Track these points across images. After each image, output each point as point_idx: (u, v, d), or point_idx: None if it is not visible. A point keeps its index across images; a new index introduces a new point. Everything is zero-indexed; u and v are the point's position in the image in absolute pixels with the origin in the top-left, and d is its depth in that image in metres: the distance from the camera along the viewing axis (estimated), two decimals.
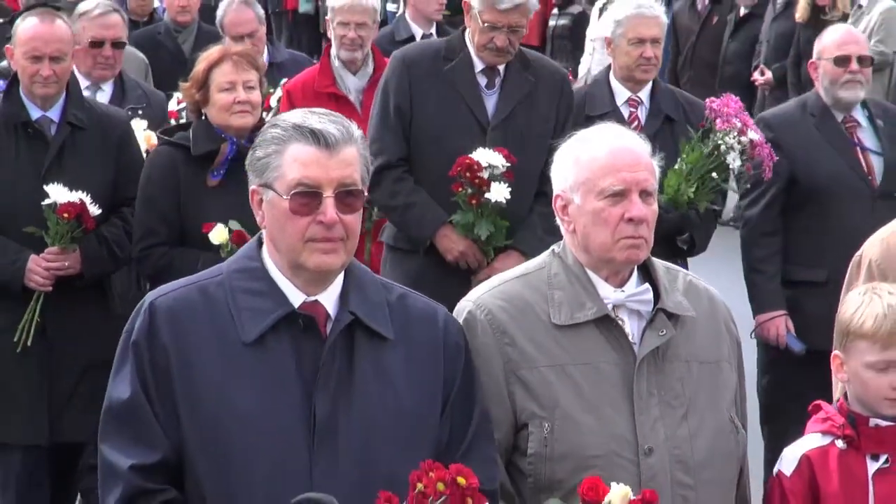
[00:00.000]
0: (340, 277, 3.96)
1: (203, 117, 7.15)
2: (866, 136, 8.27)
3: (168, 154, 7.30)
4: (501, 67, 7.76)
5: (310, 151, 3.87)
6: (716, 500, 4.32)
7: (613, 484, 3.85)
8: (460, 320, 4.31)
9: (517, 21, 7.79)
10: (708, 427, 4.33)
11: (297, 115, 3.99)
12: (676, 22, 17.75)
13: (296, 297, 3.93)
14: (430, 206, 7.53)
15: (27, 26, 7.53)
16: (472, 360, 4.12)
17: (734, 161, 7.69)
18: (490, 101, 7.87)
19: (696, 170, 7.61)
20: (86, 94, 8.30)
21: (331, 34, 9.73)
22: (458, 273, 7.58)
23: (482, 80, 7.84)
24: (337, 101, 8.91)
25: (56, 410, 7.12)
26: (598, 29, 15.63)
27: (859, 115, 8.25)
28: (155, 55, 11.78)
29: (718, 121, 7.71)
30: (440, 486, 3.58)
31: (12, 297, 7.34)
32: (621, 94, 7.85)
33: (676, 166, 7.38)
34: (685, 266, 7.43)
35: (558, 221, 4.46)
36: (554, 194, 4.41)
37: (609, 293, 4.29)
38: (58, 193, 7.12)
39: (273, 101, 9.19)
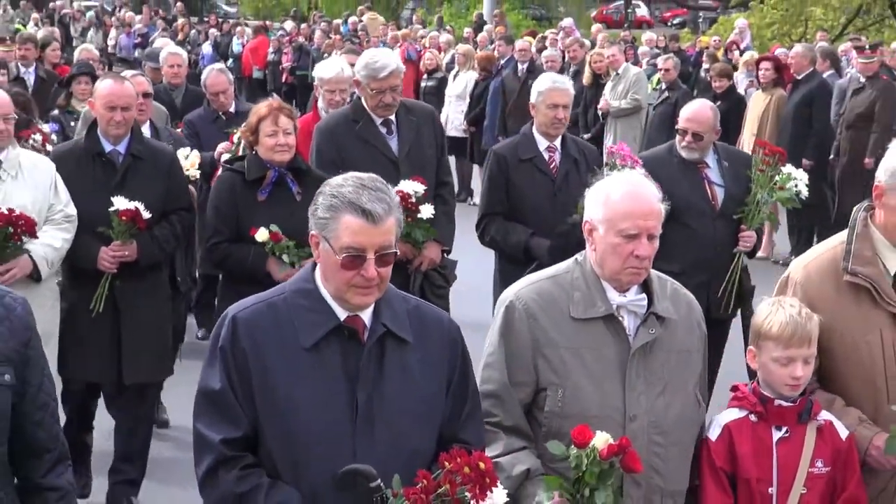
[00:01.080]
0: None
1: (254, 152, 8.47)
2: (713, 174, 9.81)
3: (230, 177, 8.68)
4: (392, 117, 9.30)
5: (360, 224, 4.42)
6: (680, 457, 4.97)
7: (598, 432, 4.55)
8: (504, 306, 5.02)
9: (394, 83, 9.37)
10: (678, 401, 4.96)
11: (352, 191, 4.52)
12: (505, 84, 22.27)
13: (341, 313, 4.51)
14: None
15: (105, 85, 8.96)
16: (467, 352, 4.73)
17: None
18: (392, 142, 9.40)
19: None
20: None
21: (319, 94, 11.31)
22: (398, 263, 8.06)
23: (383, 130, 9.38)
24: None
25: (123, 358, 8.59)
26: (453, 88, 24.02)
27: (710, 158, 9.80)
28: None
29: (618, 159, 9.53)
30: (466, 469, 4.17)
31: (90, 277, 8.74)
32: (542, 142, 9.32)
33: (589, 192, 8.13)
34: None
35: (585, 238, 5.14)
36: (584, 219, 5.05)
37: (615, 297, 4.93)
38: (119, 203, 8.35)
39: (235, 139, 10.64)
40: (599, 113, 20.58)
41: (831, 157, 17.23)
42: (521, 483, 4.44)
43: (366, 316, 4.39)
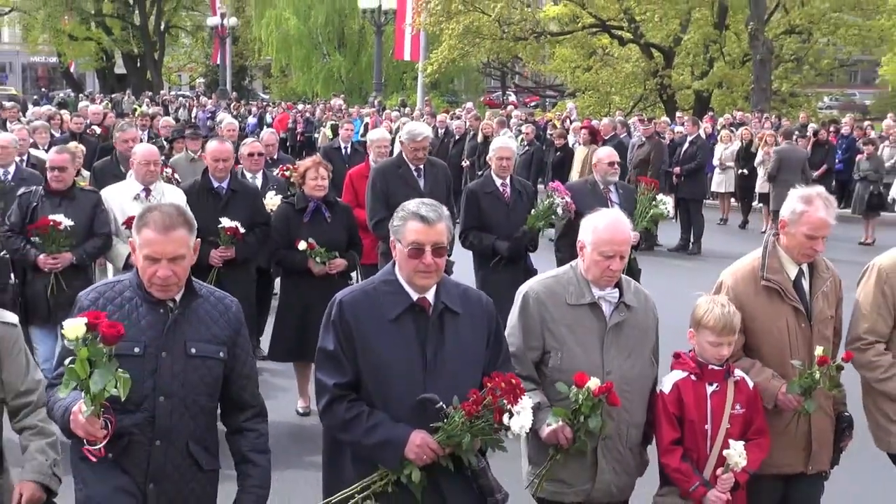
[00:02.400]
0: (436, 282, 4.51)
1: (301, 189, 8.74)
2: (613, 196, 9.63)
3: (285, 207, 8.97)
4: (422, 166, 9.54)
5: (419, 226, 4.26)
6: (640, 399, 4.86)
7: (591, 378, 4.53)
8: (521, 295, 4.93)
9: (424, 144, 9.72)
10: (639, 362, 4.86)
11: (414, 206, 4.37)
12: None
13: (414, 295, 4.33)
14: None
15: (212, 145, 9.19)
16: (500, 319, 4.68)
17: (559, 209, 9.19)
18: (421, 182, 9.48)
19: (542, 213, 9.13)
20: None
21: (370, 150, 10.90)
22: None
23: (416, 174, 9.51)
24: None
25: None
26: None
27: (612, 187, 9.67)
28: None
29: (556, 193, 9.33)
30: (502, 384, 4.12)
31: (202, 269, 8.08)
32: (497, 181, 9.18)
33: (532, 212, 9.18)
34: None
35: (578, 251, 4.89)
36: (579, 239, 4.87)
37: (597, 291, 4.82)
38: (225, 221, 8.51)
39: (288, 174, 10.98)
40: (488, 160, 20.03)
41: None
42: (534, 411, 4.28)
43: (430, 296, 4.34)
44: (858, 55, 47.40)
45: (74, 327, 3.55)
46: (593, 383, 4.50)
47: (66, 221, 7.71)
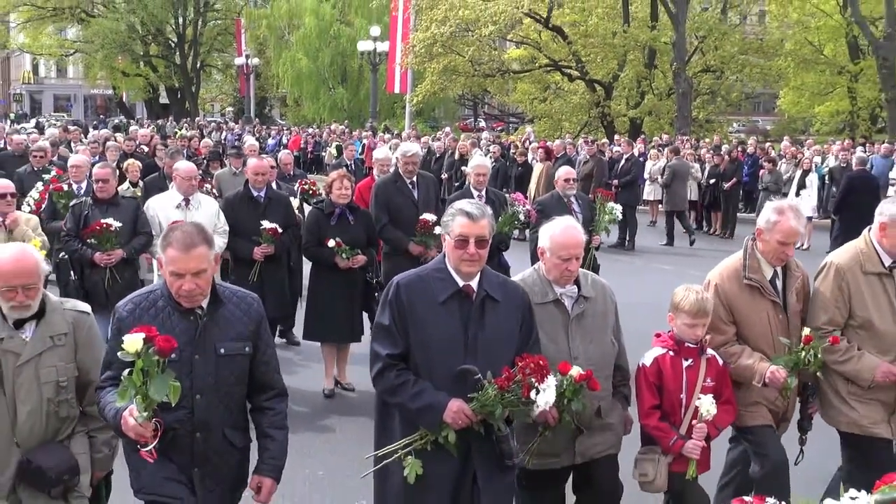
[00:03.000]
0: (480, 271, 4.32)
1: (329, 197, 8.55)
2: (575, 206, 9.63)
3: (315, 211, 8.69)
4: (415, 179, 9.16)
5: (465, 221, 4.12)
6: (604, 377, 4.61)
7: (574, 366, 4.33)
8: None
9: (414, 160, 9.26)
10: (600, 346, 4.70)
11: (462, 204, 4.25)
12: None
13: (460, 282, 4.16)
14: (401, 240, 8.89)
15: (252, 162, 9.21)
16: (532, 307, 4.44)
17: (521, 215, 9.20)
18: (415, 192, 9.12)
19: (508, 220, 9.01)
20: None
21: (374, 167, 10.94)
22: (416, 257, 8.38)
23: (411, 186, 9.15)
24: None
25: (265, 299, 8.25)
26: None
27: (574, 198, 9.67)
28: None
29: (517, 202, 9.40)
30: (532, 364, 4.01)
31: (247, 263, 8.44)
32: (475, 192, 8.86)
33: (500, 219, 8.82)
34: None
35: (539, 256, 4.71)
36: (539, 245, 4.70)
37: (558, 289, 4.64)
38: (266, 224, 8.45)
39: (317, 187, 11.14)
40: (466, 174, 20.60)
41: None
42: None
43: (474, 284, 4.17)
44: (761, 89, 47.67)
45: (133, 342, 3.40)
46: (575, 371, 4.35)
47: (115, 223, 7.68)
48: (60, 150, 16.23)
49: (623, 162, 20.28)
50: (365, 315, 8.80)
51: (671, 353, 4.78)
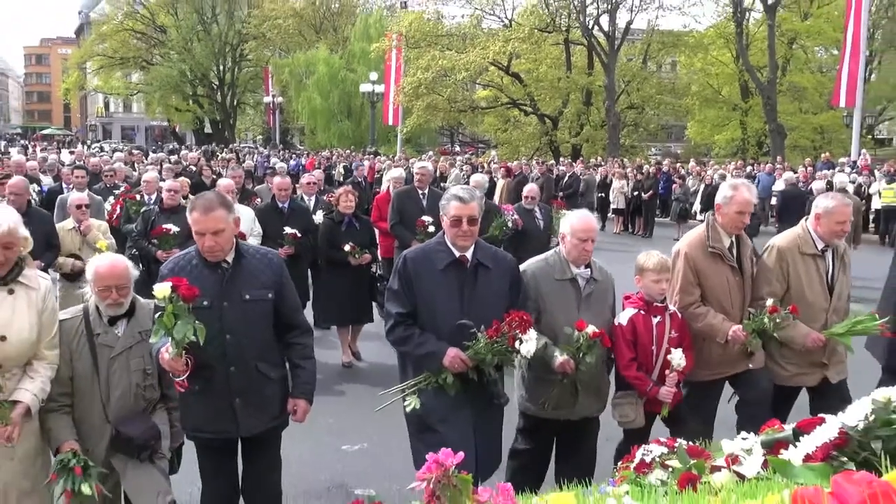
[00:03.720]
0: (473, 243, 4.09)
1: (337, 208, 8.32)
2: (538, 214, 9.36)
3: (328, 221, 8.36)
4: (426, 190, 8.85)
5: (458, 204, 3.97)
6: (604, 347, 4.32)
7: (589, 325, 4.18)
8: (522, 273, 4.35)
9: (424, 173, 9.06)
10: (603, 316, 4.38)
11: (455, 189, 4.11)
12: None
13: (457, 253, 3.98)
14: (406, 237, 8.54)
15: (276, 181, 8.92)
16: (520, 272, 4.25)
17: (509, 223, 8.94)
18: (424, 201, 8.78)
19: (499, 226, 8.74)
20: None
21: (390, 183, 10.45)
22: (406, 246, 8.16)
23: (421, 196, 8.85)
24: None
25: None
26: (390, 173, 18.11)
27: (536, 209, 9.38)
28: None
29: (507, 212, 9.22)
30: (516, 318, 3.80)
31: None
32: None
33: (492, 225, 8.67)
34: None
35: (560, 241, 4.47)
36: (560, 231, 4.46)
37: (574, 269, 4.35)
38: (288, 230, 8.21)
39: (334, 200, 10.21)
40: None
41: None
42: (543, 347, 3.99)
43: (469, 254, 3.99)
44: (673, 122, 47.66)
45: (162, 289, 3.35)
46: (590, 329, 4.16)
47: (174, 228, 7.58)
48: (125, 170, 16.06)
49: (566, 178, 20.75)
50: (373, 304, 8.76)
51: (642, 312, 4.51)
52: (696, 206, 19.71)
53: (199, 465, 3.99)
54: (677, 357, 4.41)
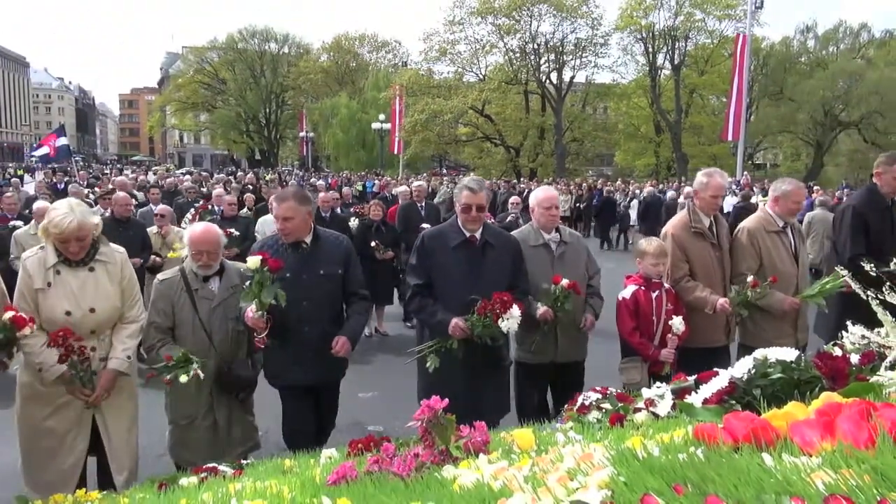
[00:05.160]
0: (481, 226, 3.72)
1: (368, 216, 7.89)
2: (520, 220, 7.74)
3: (363, 225, 7.79)
4: (423, 203, 8.42)
5: (468, 193, 3.60)
6: (578, 298, 3.82)
7: (563, 279, 3.81)
8: None
9: (420, 190, 8.62)
10: (576, 275, 3.88)
11: (466, 181, 3.69)
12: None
13: (467, 233, 3.62)
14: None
15: (320, 196, 8.09)
16: (521, 249, 3.81)
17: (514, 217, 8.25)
18: (423, 212, 8.21)
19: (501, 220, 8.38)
20: None
21: (399, 196, 9.61)
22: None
23: (421, 209, 8.29)
24: None
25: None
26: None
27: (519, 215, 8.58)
28: None
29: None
30: (499, 299, 3.40)
31: None
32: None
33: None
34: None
35: (530, 212, 4.03)
36: (529, 204, 4.11)
37: (546, 236, 3.97)
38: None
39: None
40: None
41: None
42: (528, 306, 3.59)
43: (477, 235, 3.63)
44: (605, 151, 47.59)
45: (253, 261, 3.19)
46: (564, 281, 3.80)
47: (235, 232, 7.32)
48: (195, 187, 15.38)
49: (525, 193, 20.18)
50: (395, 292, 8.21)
51: (642, 287, 4.02)
52: (634, 217, 19.03)
53: (282, 406, 3.76)
54: (678, 322, 4.01)
